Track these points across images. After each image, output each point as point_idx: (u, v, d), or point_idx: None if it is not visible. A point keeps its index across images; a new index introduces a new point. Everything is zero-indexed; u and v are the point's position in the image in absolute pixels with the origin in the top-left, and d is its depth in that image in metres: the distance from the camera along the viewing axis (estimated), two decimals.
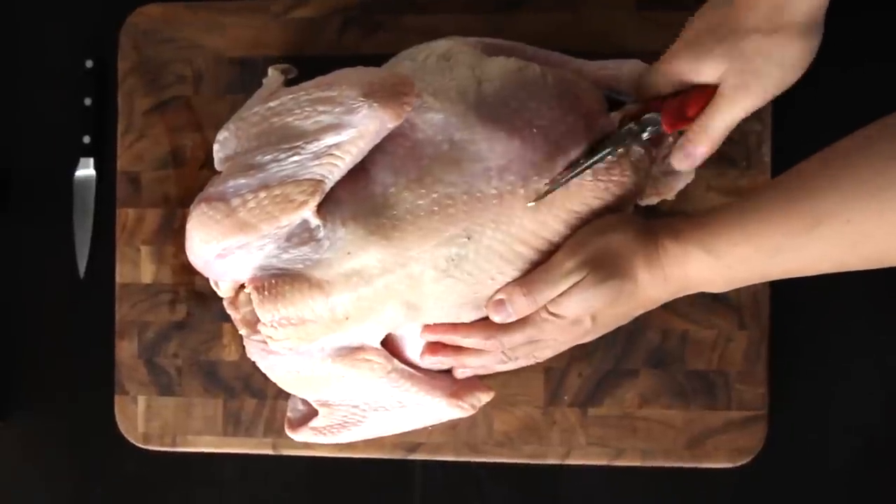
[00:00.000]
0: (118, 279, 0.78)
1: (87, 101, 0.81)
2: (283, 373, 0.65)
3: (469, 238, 0.61)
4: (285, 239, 0.62)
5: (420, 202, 0.61)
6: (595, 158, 0.62)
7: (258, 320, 0.63)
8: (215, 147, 0.65)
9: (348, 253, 0.61)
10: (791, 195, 0.54)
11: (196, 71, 0.78)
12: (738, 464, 0.73)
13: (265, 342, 0.64)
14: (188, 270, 0.66)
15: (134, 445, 0.78)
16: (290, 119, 0.62)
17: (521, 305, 0.62)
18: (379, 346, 0.65)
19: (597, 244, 0.61)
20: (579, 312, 0.61)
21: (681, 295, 0.62)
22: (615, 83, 0.67)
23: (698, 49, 0.58)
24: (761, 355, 0.73)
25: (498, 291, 0.63)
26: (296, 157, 0.60)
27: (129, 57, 0.79)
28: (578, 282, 0.60)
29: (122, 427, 0.78)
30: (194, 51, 0.78)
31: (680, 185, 0.69)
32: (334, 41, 0.77)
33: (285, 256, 0.62)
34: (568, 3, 0.74)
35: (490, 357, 0.65)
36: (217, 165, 0.66)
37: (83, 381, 0.81)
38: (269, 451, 0.77)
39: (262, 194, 0.60)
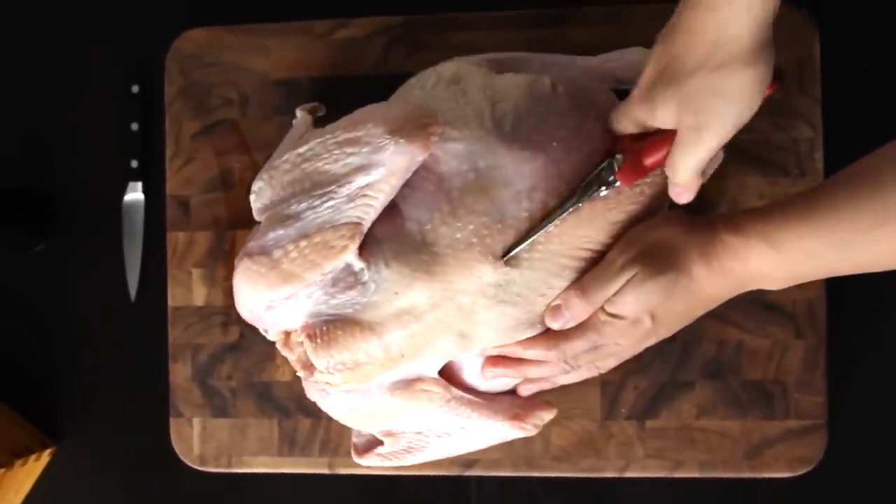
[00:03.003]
0: (170, 302, 0.78)
1: (134, 126, 0.82)
2: (344, 411, 0.65)
3: (512, 267, 0.61)
4: (331, 285, 0.62)
5: (458, 235, 0.61)
6: (558, 214, 0.61)
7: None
8: (251, 198, 0.66)
9: (396, 293, 0.61)
10: (859, 190, 0.53)
11: (242, 93, 0.79)
12: (798, 473, 0.72)
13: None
14: None
15: (188, 466, 0.78)
16: (319, 164, 0.62)
17: (577, 308, 0.61)
18: (436, 376, 0.65)
19: (647, 239, 0.61)
20: (637, 310, 0.60)
21: (740, 292, 0.61)
22: (620, 73, 0.67)
23: (652, 94, 0.57)
24: (819, 364, 0.72)
25: (554, 299, 0.63)
26: (330, 202, 0.61)
27: (175, 81, 0.79)
28: (632, 278, 0.59)
29: (178, 449, 0.78)
30: (239, 73, 0.79)
31: (711, 169, 0.68)
32: (379, 61, 0.77)
33: (333, 302, 0.62)
34: (613, 17, 0.74)
35: (552, 367, 0.64)
36: (255, 216, 0.66)
37: (137, 403, 0.82)
38: (325, 471, 0.77)
39: (303, 243, 0.60)
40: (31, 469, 0.82)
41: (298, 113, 0.71)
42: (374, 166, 0.60)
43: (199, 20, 0.80)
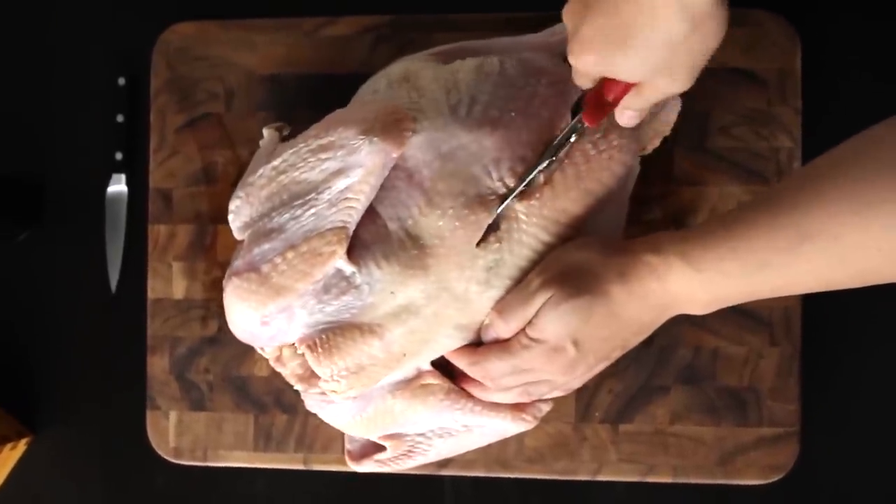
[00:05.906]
0: (150, 295, 0.79)
1: (120, 118, 0.82)
2: (347, 419, 0.65)
3: (500, 241, 0.62)
4: (324, 292, 0.62)
5: (440, 223, 0.61)
6: (529, 174, 0.62)
7: (311, 373, 0.63)
8: (230, 217, 0.66)
9: (392, 293, 0.62)
10: (777, 209, 0.53)
11: (228, 88, 0.79)
12: (770, 481, 0.73)
13: (324, 393, 0.64)
14: (220, 286, 0.67)
15: (165, 459, 0.78)
16: (296, 174, 0.62)
17: (498, 328, 0.61)
18: (432, 368, 0.65)
19: (565, 262, 0.60)
20: (556, 334, 0.59)
21: (664, 317, 0.60)
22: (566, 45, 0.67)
23: (611, 60, 0.54)
24: (793, 371, 0.73)
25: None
26: (312, 210, 0.61)
27: (161, 74, 0.79)
28: (547, 301, 0.58)
29: (154, 442, 0.78)
30: (226, 68, 0.79)
31: (672, 116, 0.68)
32: (365, 59, 0.77)
33: (329, 309, 0.62)
34: None
35: (480, 387, 0.64)
36: (236, 234, 0.66)
37: (114, 395, 0.82)
38: (300, 467, 0.77)
39: (290, 254, 0.61)
40: (7, 458, 0.82)
41: (265, 132, 0.71)
42: (352, 168, 0.60)
43: (187, 13, 0.80)
